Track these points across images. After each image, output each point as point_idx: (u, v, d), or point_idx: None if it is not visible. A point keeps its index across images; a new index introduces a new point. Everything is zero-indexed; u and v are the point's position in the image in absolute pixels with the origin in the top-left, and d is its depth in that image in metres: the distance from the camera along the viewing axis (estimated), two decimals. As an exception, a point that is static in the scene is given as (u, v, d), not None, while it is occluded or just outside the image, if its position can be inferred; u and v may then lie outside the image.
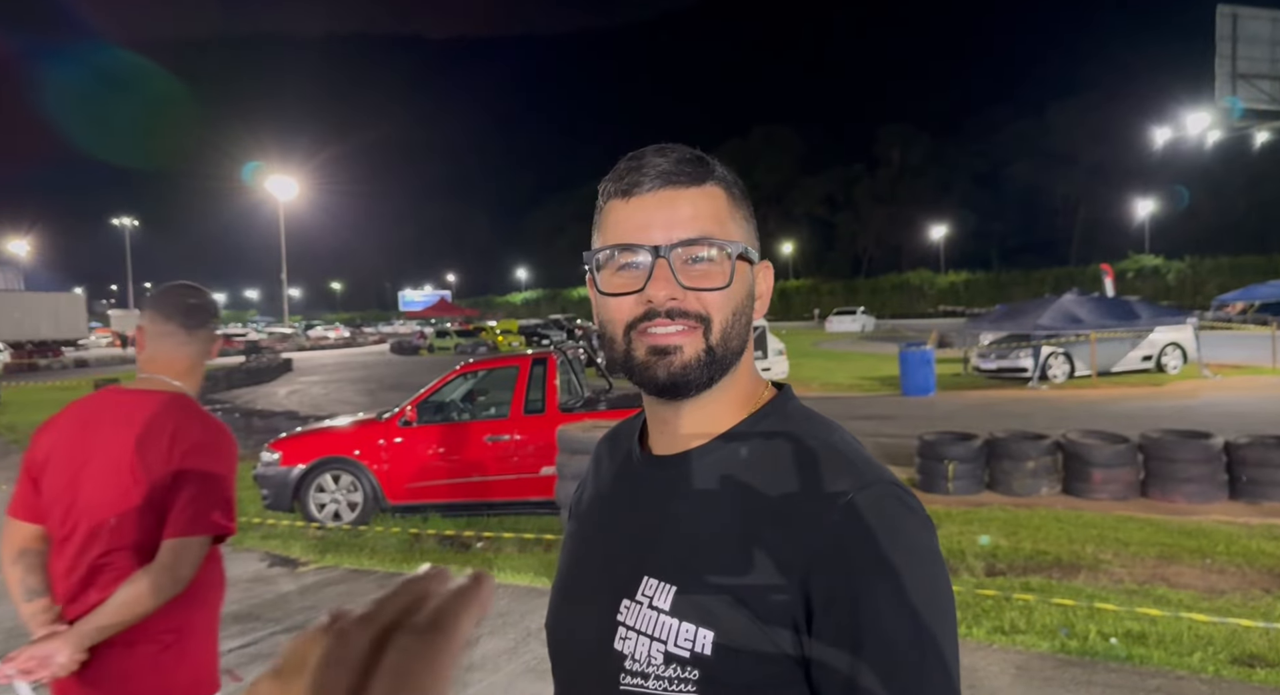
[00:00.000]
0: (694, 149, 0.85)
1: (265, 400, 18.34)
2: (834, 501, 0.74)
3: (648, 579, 0.79)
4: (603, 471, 0.98)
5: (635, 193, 0.82)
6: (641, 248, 0.80)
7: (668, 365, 0.80)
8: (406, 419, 7.41)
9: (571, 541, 0.97)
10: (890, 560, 0.71)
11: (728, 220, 0.83)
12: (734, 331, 0.82)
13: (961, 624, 4.29)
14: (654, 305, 0.79)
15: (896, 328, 43.87)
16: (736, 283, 0.81)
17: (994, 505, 6.99)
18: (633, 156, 0.84)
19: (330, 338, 59.28)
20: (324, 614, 0.36)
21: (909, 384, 15.48)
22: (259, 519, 7.31)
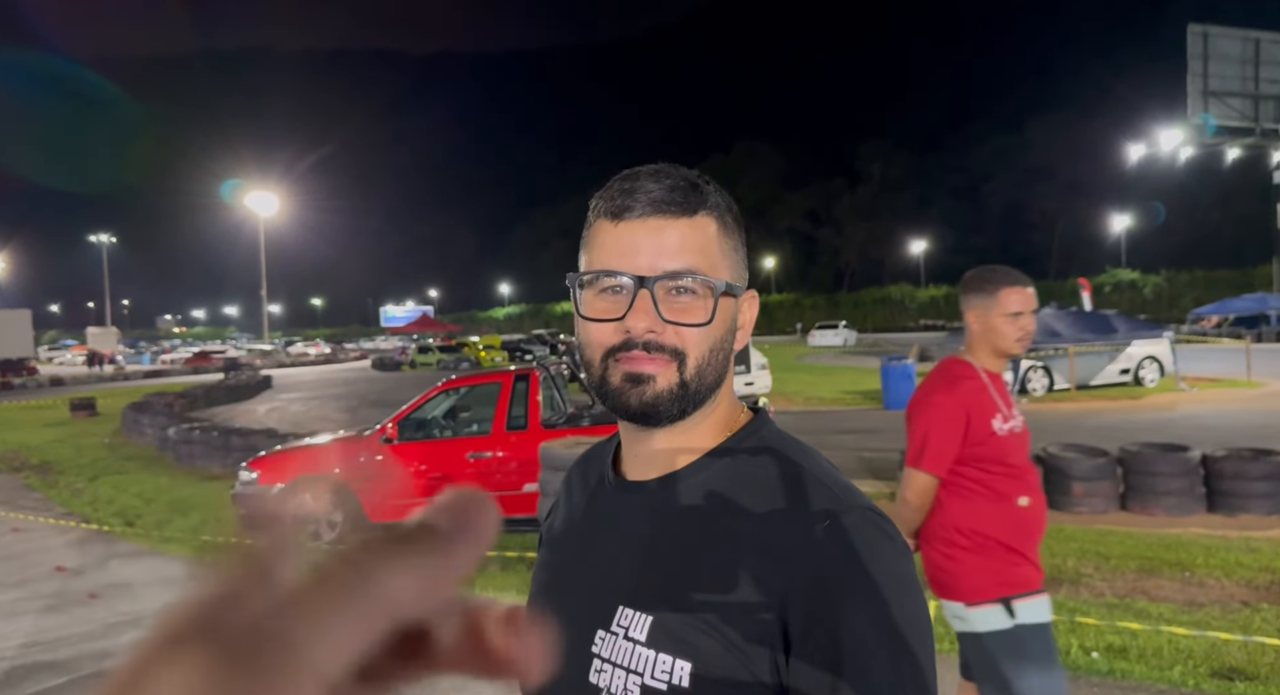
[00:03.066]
0: (691, 172, 0.84)
1: (244, 418, 18.16)
2: (811, 527, 0.74)
3: (623, 609, 0.78)
4: (575, 496, 0.96)
5: (625, 217, 0.81)
6: (625, 275, 0.79)
7: (640, 394, 0.80)
8: (387, 436, 7.34)
9: (543, 570, 0.95)
10: (869, 587, 0.71)
11: (716, 253, 0.82)
12: (709, 367, 0.81)
13: (944, 640, 4.28)
14: (632, 335, 0.79)
15: (878, 342, 44.12)
16: (717, 320, 0.81)
17: (976, 519, 7.00)
18: (626, 177, 0.83)
19: (311, 354, 58.81)
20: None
21: (891, 398, 15.53)
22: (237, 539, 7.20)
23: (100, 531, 7.84)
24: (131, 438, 14.76)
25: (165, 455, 12.41)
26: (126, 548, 7.27)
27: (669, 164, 0.84)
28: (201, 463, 11.23)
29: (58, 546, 7.36)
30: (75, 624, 5.29)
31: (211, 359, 48.37)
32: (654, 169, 0.83)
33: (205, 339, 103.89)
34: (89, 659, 4.67)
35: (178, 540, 7.34)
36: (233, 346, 63.18)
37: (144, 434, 14.12)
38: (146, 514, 8.49)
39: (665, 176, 0.82)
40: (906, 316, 68.94)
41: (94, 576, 6.40)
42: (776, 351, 32.78)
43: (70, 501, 9.42)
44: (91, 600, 5.78)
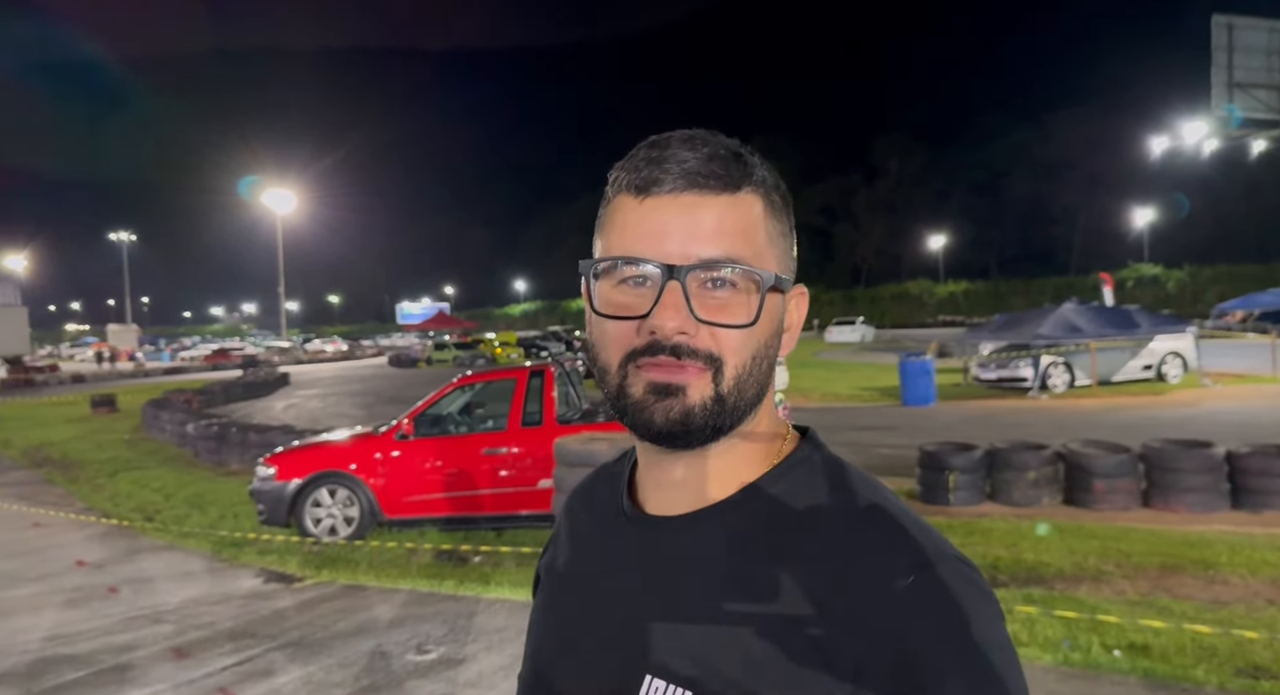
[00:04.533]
0: (733, 141, 0.70)
1: (262, 414, 18.29)
2: (890, 583, 0.60)
3: (652, 680, 0.64)
4: (580, 530, 0.80)
5: (652, 191, 0.66)
6: (652, 263, 0.64)
7: (667, 409, 0.65)
8: (403, 432, 7.36)
9: (545, 621, 0.79)
10: (970, 662, 0.58)
11: (762, 239, 0.67)
12: (751, 377, 0.66)
13: None
14: (658, 337, 0.64)
15: (896, 338, 43.87)
16: (763, 320, 0.66)
17: (995, 516, 6.94)
18: (655, 143, 0.68)
19: (328, 351, 59.28)
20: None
21: (909, 394, 15.44)
22: (254, 534, 7.25)
23: (120, 526, 7.91)
24: (151, 434, 14.90)
25: (184, 451, 12.53)
26: (146, 543, 7.34)
27: (707, 130, 0.69)
28: (220, 459, 11.32)
29: (78, 541, 7.44)
30: (95, 618, 5.34)
31: (230, 356, 48.90)
32: (688, 134, 0.68)
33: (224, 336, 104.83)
34: (109, 652, 4.71)
35: (196, 535, 7.40)
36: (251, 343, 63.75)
37: (163, 430, 14.25)
38: (165, 509, 8.57)
39: (702, 143, 0.67)
40: (925, 312, 68.46)
41: (114, 571, 6.46)
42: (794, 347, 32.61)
43: (91, 497, 9.52)
44: (112, 594, 5.84)
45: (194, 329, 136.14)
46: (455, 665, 4.39)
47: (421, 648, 4.65)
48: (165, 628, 5.11)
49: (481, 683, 4.15)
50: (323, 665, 4.44)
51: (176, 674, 4.38)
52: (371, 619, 5.19)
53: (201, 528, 7.63)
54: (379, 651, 4.62)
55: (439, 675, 4.26)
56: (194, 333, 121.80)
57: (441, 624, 5.01)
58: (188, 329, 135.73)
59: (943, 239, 78.75)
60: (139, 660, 4.58)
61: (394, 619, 5.17)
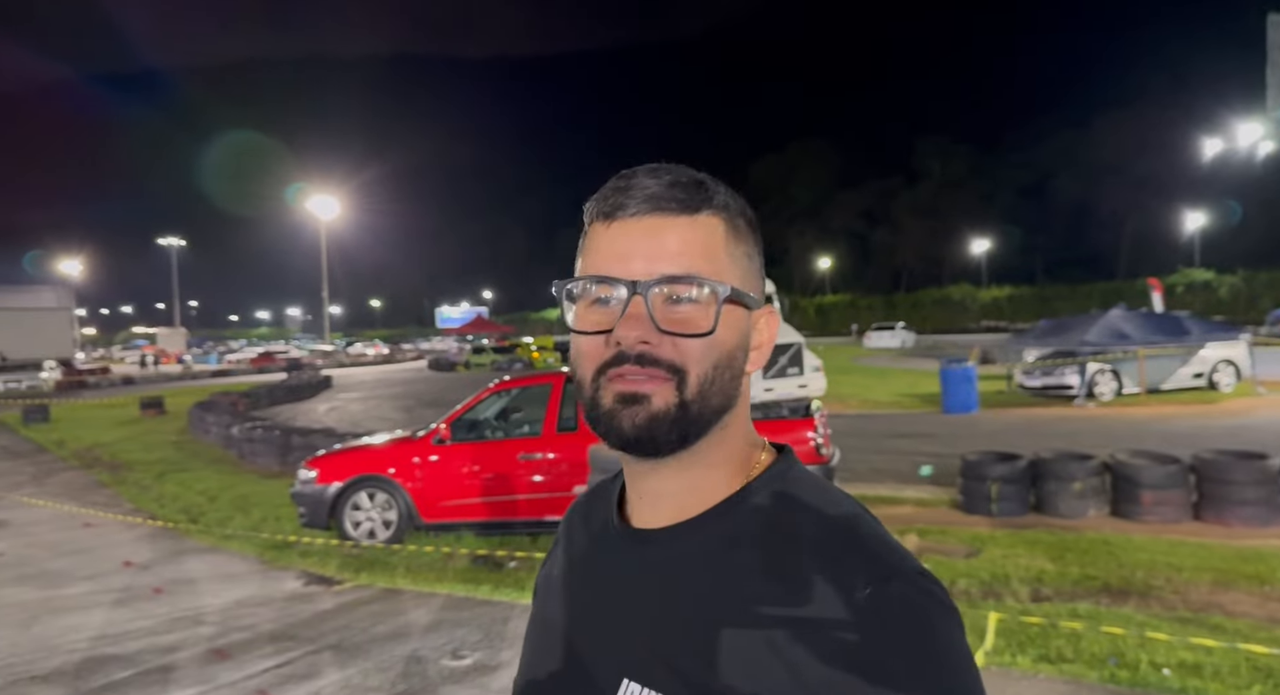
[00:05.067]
0: (697, 171, 0.75)
1: (305, 417, 18.60)
2: (850, 594, 0.63)
3: (629, 684, 0.68)
4: (575, 543, 0.84)
5: (618, 216, 0.72)
6: (618, 282, 0.70)
7: (633, 415, 0.69)
8: (440, 437, 7.42)
9: (537, 628, 0.83)
10: (919, 668, 0.61)
11: (722, 256, 0.72)
12: (715, 386, 0.70)
13: (1005, 652, 4.14)
14: (623, 348, 0.69)
15: (937, 343, 43.27)
16: (722, 330, 0.70)
17: (1039, 527, 6.79)
18: (622, 175, 0.74)
19: (369, 355, 60.12)
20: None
21: (950, 401, 15.20)
22: (296, 536, 7.36)
23: (166, 528, 8.09)
24: (197, 436, 15.23)
25: (229, 453, 12.78)
26: (191, 544, 7.49)
27: (672, 163, 0.75)
28: (263, 461, 11.53)
29: (126, 542, 7.62)
30: (141, 618, 5.45)
31: (275, 359, 49.84)
32: (652, 166, 0.74)
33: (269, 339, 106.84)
34: (153, 653, 4.80)
35: (239, 537, 7.53)
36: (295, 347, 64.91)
37: (209, 432, 14.55)
38: (210, 511, 8.74)
39: (664, 173, 0.73)
40: (967, 317, 67.38)
41: (160, 571, 6.60)
42: (831, 353, 32.36)
43: (139, 498, 9.75)
44: (157, 595, 5.96)
45: (240, 332, 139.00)
46: (490, 671, 4.40)
47: (457, 653, 4.67)
48: (208, 629, 5.20)
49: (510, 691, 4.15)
50: (361, 669, 4.48)
51: (218, 675, 4.45)
52: (408, 623, 5.23)
53: (245, 530, 7.77)
54: (415, 656, 4.65)
55: (474, 681, 4.28)
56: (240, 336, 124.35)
57: (477, 629, 5.04)
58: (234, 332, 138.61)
59: (986, 243, 77.42)
60: (182, 661, 4.67)
61: (430, 624, 5.20)
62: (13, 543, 7.65)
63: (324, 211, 54.75)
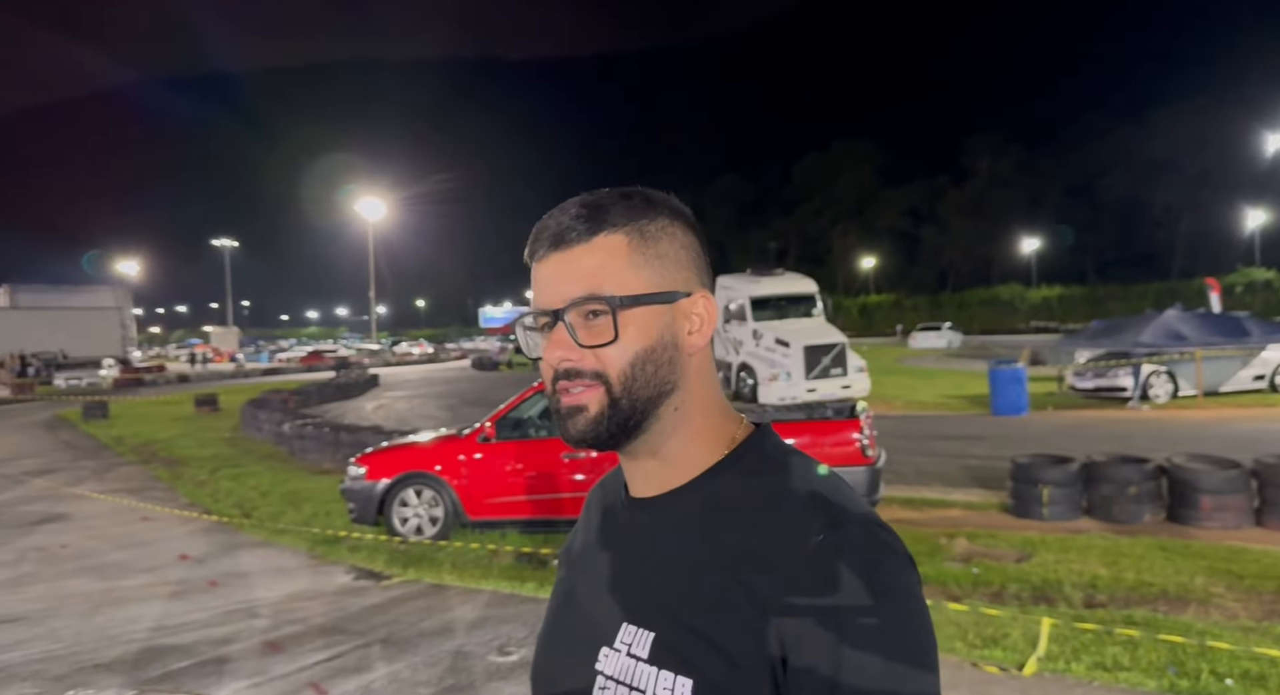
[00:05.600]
0: (603, 193, 0.85)
1: (353, 414, 18.91)
2: (806, 540, 0.73)
3: (626, 626, 0.79)
4: (592, 516, 0.97)
5: (536, 257, 0.84)
6: (542, 313, 0.83)
7: (575, 424, 0.81)
8: (485, 435, 7.49)
9: (558, 588, 0.95)
10: (866, 603, 0.70)
11: (623, 268, 0.81)
12: (638, 381, 0.81)
13: (1059, 659, 4.06)
14: (553, 368, 0.82)
15: (985, 344, 42.50)
16: (630, 332, 0.80)
17: (1092, 532, 6.64)
18: (541, 219, 0.86)
19: (415, 353, 60.93)
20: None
21: (1000, 403, 14.92)
22: (345, 532, 7.49)
23: (220, 522, 8.29)
24: (249, 433, 15.58)
25: (280, 450, 13.05)
26: (244, 538, 7.66)
27: (586, 193, 0.86)
28: (313, 458, 11.75)
29: (182, 536, 7.82)
30: (197, 610, 5.59)
31: (323, 358, 50.79)
32: (560, 206, 0.85)
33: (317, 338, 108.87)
34: (209, 644, 4.93)
35: (290, 532, 7.69)
36: (343, 346, 66.06)
37: (261, 429, 14.87)
38: (262, 506, 8.93)
39: (565, 209, 0.84)
40: (1016, 318, 66.04)
41: (215, 565, 6.76)
42: (875, 354, 31.98)
43: (193, 493, 10.00)
44: (212, 588, 6.11)
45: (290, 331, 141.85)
46: (536, 668, 4.43)
47: (503, 649, 4.71)
48: (261, 622, 5.32)
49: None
50: (409, 663, 4.55)
51: (271, 667, 4.55)
52: (455, 619, 5.29)
53: (296, 525, 7.93)
54: (462, 651, 4.71)
55: (519, 678, 4.31)
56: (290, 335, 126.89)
57: (522, 626, 5.08)
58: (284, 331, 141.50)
59: (1035, 242, 75.80)
60: (236, 653, 4.78)
61: (476, 619, 5.25)
62: (76, 535, 7.91)
63: (372, 213, 55.61)
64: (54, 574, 6.60)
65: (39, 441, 16.35)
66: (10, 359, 38.04)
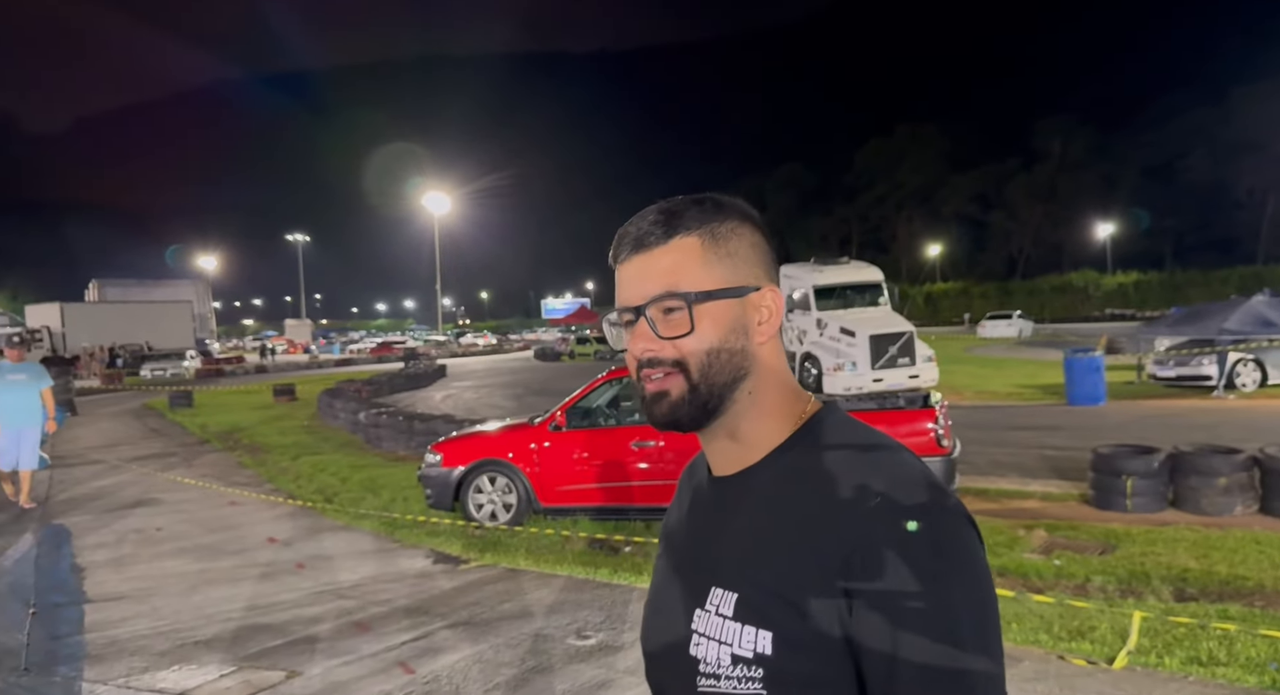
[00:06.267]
0: (678, 201, 0.95)
1: (423, 404, 19.33)
2: (866, 502, 0.81)
3: (714, 589, 0.89)
4: (683, 495, 1.08)
5: (620, 260, 0.94)
6: (626, 309, 0.93)
7: (658, 408, 0.91)
8: (556, 424, 7.60)
9: (659, 563, 1.07)
10: (926, 559, 0.78)
11: (695, 267, 0.91)
12: (714, 367, 0.90)
13: (1150, 652, 3.96)
14: (637, 357, 0.92)
15: (1057, 332, 41.26)
16: (707, 325, 0.89)
17: (1180, 524, 6.43)
18: (625, 225, 0.96)
19: (479, 345, 61.92)
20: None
21: (1076, 392, 14.49)
22: (423, 517, 7.69)
23: (303, 507, 8.59)
24: (326, 421, 16.06)
25: (356, 438, 13.43)
26: (326, 522, 7.93)
27: (663, 200, 0.96)
28: (388, 445, 12.07)
29: (268, 520, 8.13)
30: (286, 591, 5.82)
31: (393, 349, 52.06)
32: (640, 213, 0.95)
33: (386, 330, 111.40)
34: (299, 624, 5.13)
35: (370, 517, 7.93)
36: (410, 337, 67.49)
37: (337, 418, 15.32)
38: (342, 491, 9.22)
39: (645, 216, 0.94)
40: (1090, 305, 63.88)
41: (300, 548, 7.02)
42: (942, 343, 31.27)
43: (276, 478, 10.38)
44: (300, 570, 6.35)
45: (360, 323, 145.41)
46: (614, 652, 4.50)
47: (581, 633, 4.80)
48: (348, 603, 5.51)
49: (640, 670, 4.23)
50: (491, 644, 4.67)
51: (360, 646, 4.72)
52: (532, 603, 5.40)
53: (375, 510, 8.17)
54: (541, 634, 4.81)
55: (599, 661, 4.39)
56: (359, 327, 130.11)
57: (599, 611, 5.16)
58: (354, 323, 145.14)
59: (1110, 227, 73.08)
60: (326, 632, 4.97)
61: (553, 604, 5.35)
62: (169, 518, 8.29)
63: (437, 207, 56.56)
64: (151, 555, 6.93)
65: (130, 429, 17.13)
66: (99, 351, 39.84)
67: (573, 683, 4.14)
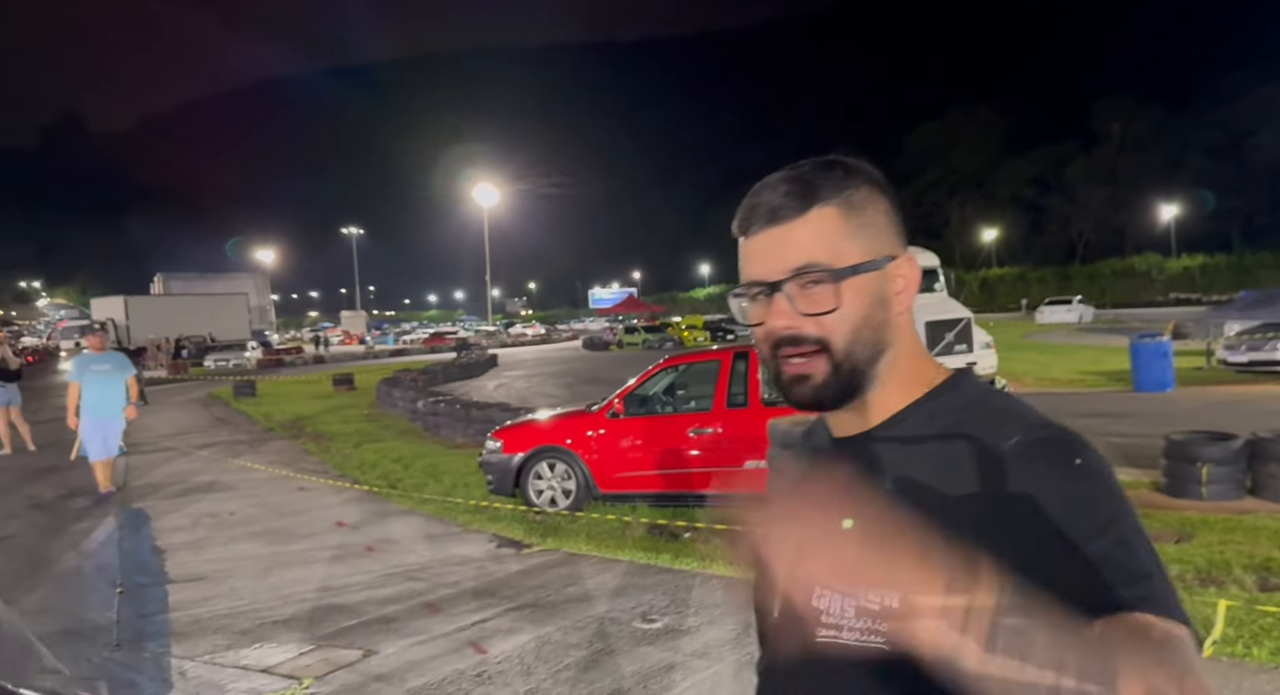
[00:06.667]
0: (805, 166, 0.90)
1: (477, 392, 19.57)
2: (1000, 447, 0.81)
3: None
4: (791, 464, 1.07)
5: (750, 232, 0.90)
6: (760, 284, 0.89)
7: (800, 391, 0.89)
8: (614, 411, 7.65)
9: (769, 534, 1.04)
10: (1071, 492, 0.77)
11: (839, 239, 0.87)
12: (858, 345, 0.88)
13: (1237, 642, 3.85)
14: (777, 334, 0.88)
15: (1119, 318, 40.18)
16: (849, 299, 0.87)
17: (1260, 512, 6.22)
18: (750, 193, 0.92)
19: (528, 335, 62.44)
20: None
21: (1143, 378, 14.10)
22: (485, 502, 7.81)
23: (368, 492, 8.78)
24: (385, 409, 16.37)
25: (415, 425, 13.67)
26: (391, 507, 8.10)
27: (789, 167, 0.91)
28: (446, 433, 12.26)
29: (336, 504, 8.33)
30: (357, 573, 5.97)
31: (445, 339, 52.82)
32: (768, 181, 0.90)
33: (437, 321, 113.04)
34: (372, 604, 5.26)
35: (434, 502, 8.08)
36: (462, 328, 68.39)
37: (396, 406, 15.61)
38: (405, 477, 9.40)
39: (778, 184, 0.89)
40: (1153, 290, 61.90)
41: (368, 531, 7.19)
42: (1000, 329, 30.63)
43: (341, 465, 10.62)
44: (369, 553, 6.50)
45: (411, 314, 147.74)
46: (681, 635, 4.53)
47: (647, 617, 4.83)
48: (417, 584, 5.63)
49: (710, 654, 4.26)
50: (558, 627, 4.73)
51: (432, 627, 4.82)
52: (596, 587, 5.46)
53: (438, 495, 8.32)
54: (607, 617, 4.86)
55: (666, 644, 4.42)
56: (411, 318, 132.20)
57: (663, 595, 5.19)
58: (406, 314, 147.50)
59: (1174, 209, 70.64)
60: (399, 613, 5.09)
61: (617, 588, 5.40)
62: (241, 503, 8.55)
63: (486, 199, 57.07)
64: (226, 538, 7.16)
65: (197, 417, 17.67)
66: (165, 343, 41.15)
67: (641, 665, 4.18)
